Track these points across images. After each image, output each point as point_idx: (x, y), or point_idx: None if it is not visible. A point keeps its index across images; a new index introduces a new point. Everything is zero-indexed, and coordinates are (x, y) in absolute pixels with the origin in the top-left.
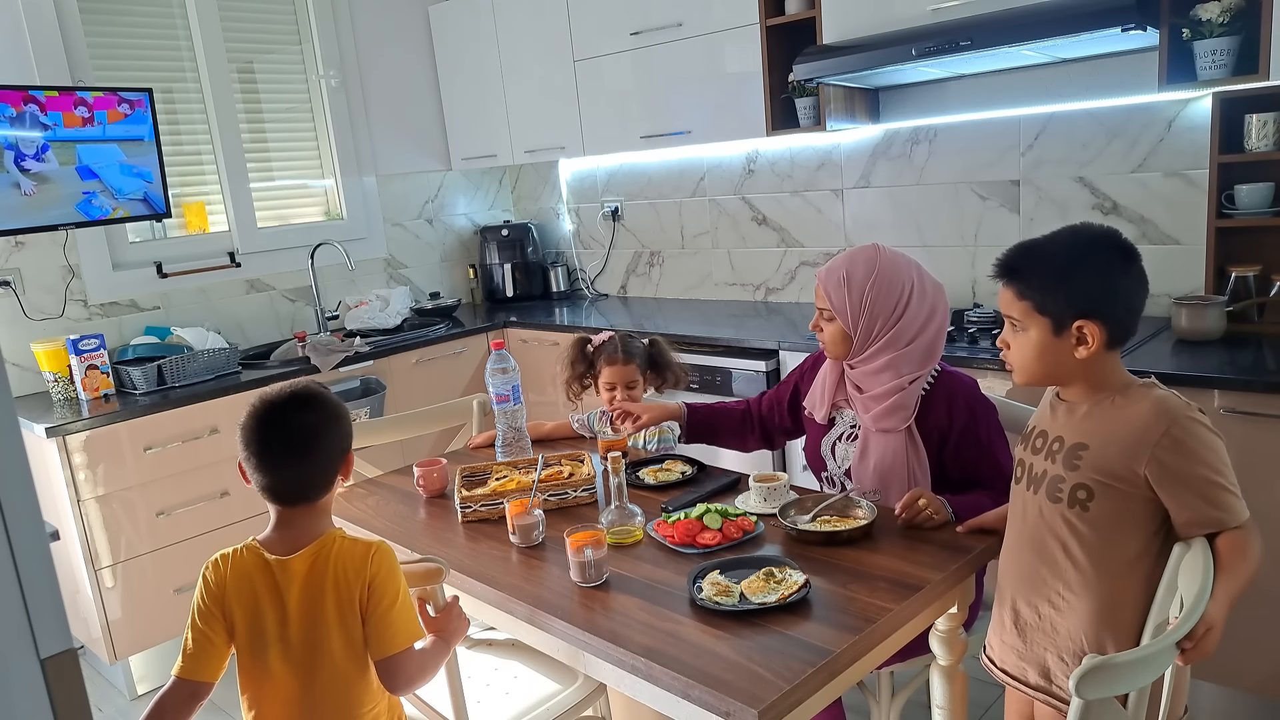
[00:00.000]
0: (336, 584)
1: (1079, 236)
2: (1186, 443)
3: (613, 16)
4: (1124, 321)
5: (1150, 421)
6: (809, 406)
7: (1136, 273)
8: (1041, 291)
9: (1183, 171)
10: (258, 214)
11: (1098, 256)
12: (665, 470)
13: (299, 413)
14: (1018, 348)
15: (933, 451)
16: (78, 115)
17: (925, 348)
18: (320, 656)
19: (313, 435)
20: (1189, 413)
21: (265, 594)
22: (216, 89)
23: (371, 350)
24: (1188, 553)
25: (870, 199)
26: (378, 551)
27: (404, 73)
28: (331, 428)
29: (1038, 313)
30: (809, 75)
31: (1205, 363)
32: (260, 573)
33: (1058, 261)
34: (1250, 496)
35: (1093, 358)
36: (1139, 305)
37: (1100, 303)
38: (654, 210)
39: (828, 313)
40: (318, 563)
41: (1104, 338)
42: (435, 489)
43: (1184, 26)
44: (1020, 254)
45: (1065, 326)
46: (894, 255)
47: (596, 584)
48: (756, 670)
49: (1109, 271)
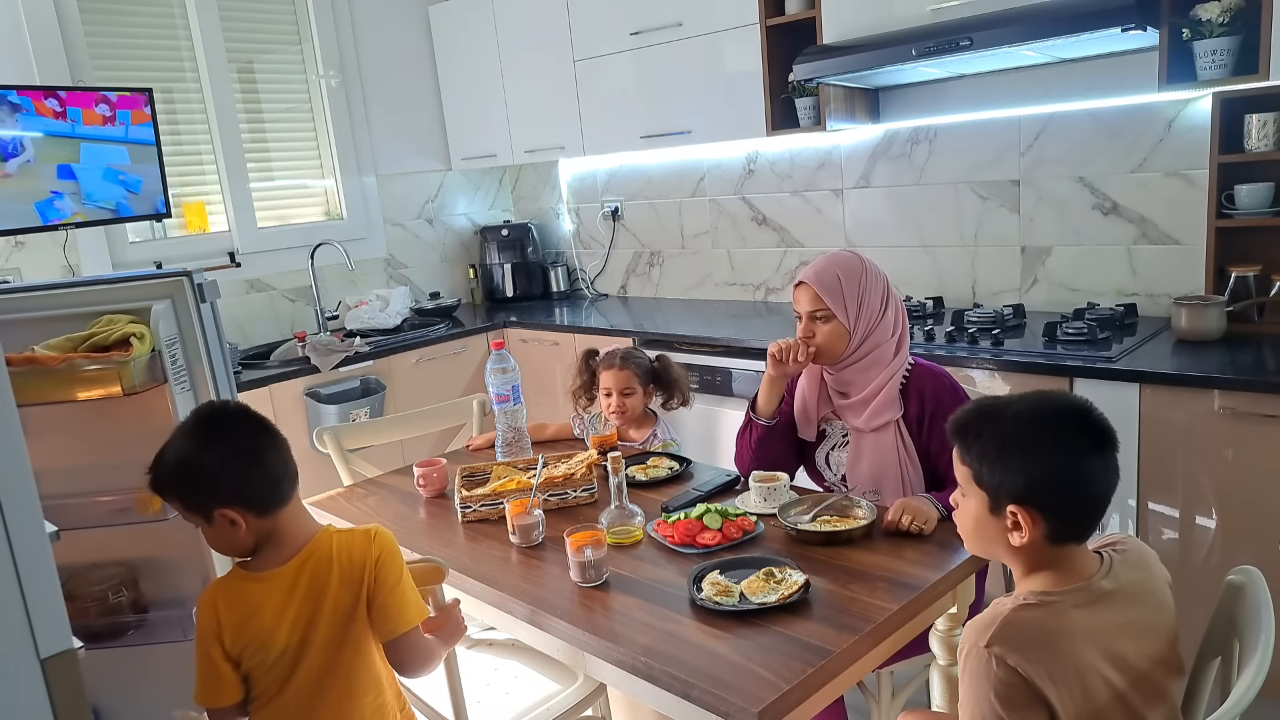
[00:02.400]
0: (343, 574)
1: (1039, 408)
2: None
3: (613, 16)
4: (1072, 515)
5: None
6: (799, 429)
7: (1102, 461)
8: (980, 461)
9: (1183, 171)
10: (258, 214)
11: (1052, 435)
12: (653, 467)
13: (248, 419)
14: (962, 518)
15: (919, 445)
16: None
17: (898, 341)
18: (332, 657)
19: (267, 436)
20: (978, 640)
21: (262, 614)
22: (216, 89)
23: (371, 350)
24: (1247, 581)
25: (870, 199)
26: (378, 533)
27: (404, 73)
28: (273, 428)
29: (975, 483)
30: (809, 75)
31: (1205, 363)
32: (253, 596)
33: (1003, 431)
34: (1250, 497)
35: (1031, 549)
36: (1097, 498)
37: (1041, 489)
38: (654, 210)
39: (822, 313)
40: (319, 565)
41: (1043, 530)
42: (435, 489)
43: (1184, 26)
44: (973, 413)
45: (1000, 507)
46: (864, 257)
47: (596, 584)
48: (756, 670)
49: (1062, 455)
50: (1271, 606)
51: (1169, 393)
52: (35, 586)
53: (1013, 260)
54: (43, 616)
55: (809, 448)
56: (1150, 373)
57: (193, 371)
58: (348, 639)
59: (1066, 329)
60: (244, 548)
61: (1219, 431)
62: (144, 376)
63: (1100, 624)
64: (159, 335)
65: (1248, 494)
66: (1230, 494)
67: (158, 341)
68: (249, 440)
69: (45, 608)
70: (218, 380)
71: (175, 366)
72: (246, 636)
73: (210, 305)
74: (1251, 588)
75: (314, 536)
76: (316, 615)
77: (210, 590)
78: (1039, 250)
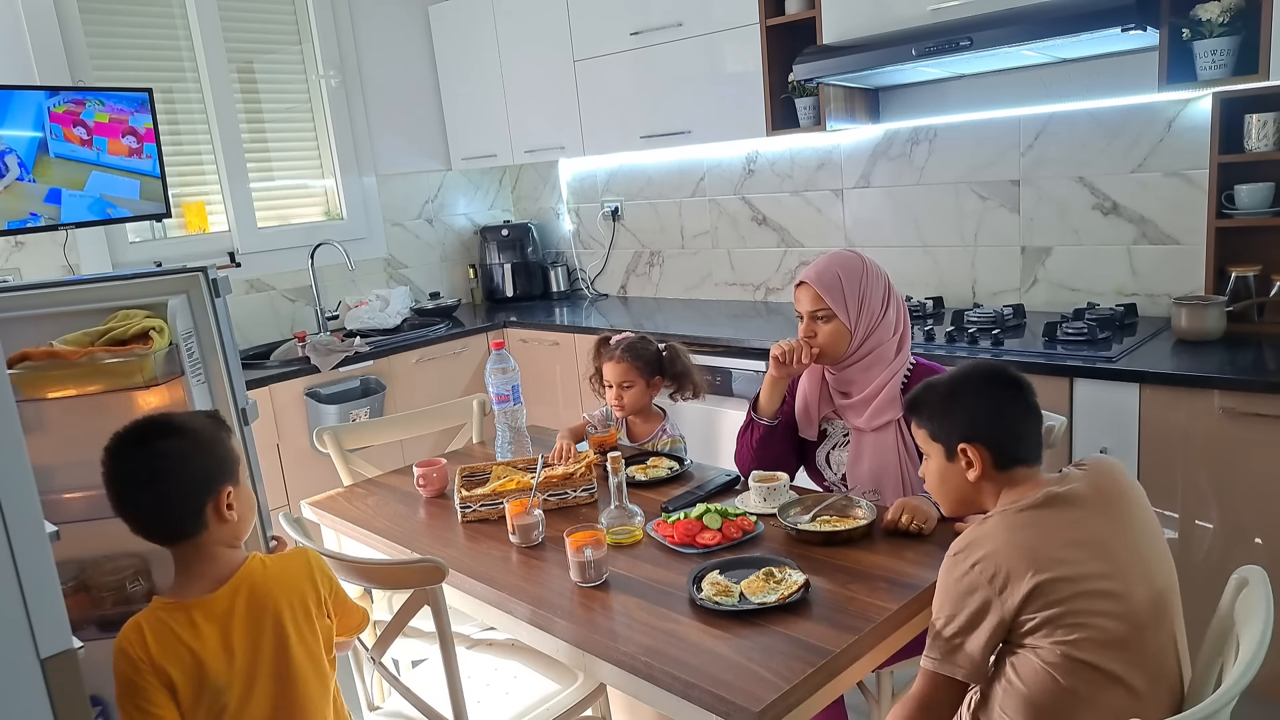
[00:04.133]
0: (290, 600)
1: (967, 370)
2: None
3: (613, 16)
4: (1006, 445)
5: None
6: (800, 428)
7: (1023, 401)
8: (931, 420)
9: (1183, 171)
10: (258, 214)
11: (979, 386)
12: (653, 467)
13: (141, 445)
14: (930, 478)
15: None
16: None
17: (899, 340)
18: (285, 679)
19: (151, 467)
20: (953, 549)
21: (199, 642)
22: (216, 89)
23: (371, 350)
24: (1245, 588)
25: (870, 199)
26: (309, 553)
27: (404, 73)
28: (179, 458)
29: (931, 439)
30: (809, 75)
31: (1205, 363)
32: (184, 625)
33: (943, 391)
34: (1250, 497)
35: (984, 479)
36: (1026, 430)
37: (979, 427)
38: (654, 210)
39: (824, 312)
40: (255, 588)
41: (989, 459)
42: (435, 489)
43: (1184, 26)
44: (920, 389)
45: (953, 451)
46: (865, 256)
47: (596, 584)
48: (756, 670)
49: (990, 399)
50: (1272, 605)
51: (1169, 393)
52: (35, 586)
53: (1013, 260)
54: (43, 616)
55: (809, 447)
56: (1150, 373)
57: (208, 364)
58: (298, 660)
59: (1066, 329)
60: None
61: (1219, 431)
62: (163, 369)
63: (1059, 518)
64: (176, 329)
65: (1248, 494)
66: (1230, 494)
67: (175, 335)
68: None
69: (45, 607)
70: (231, 373)
71: (191, 360)
72: (181, 664)
73: (223, 300)
74: (1254, 588)
75: (241, 564)
76: (259, 641)
77: (130, 625)
78: (1039, 250)
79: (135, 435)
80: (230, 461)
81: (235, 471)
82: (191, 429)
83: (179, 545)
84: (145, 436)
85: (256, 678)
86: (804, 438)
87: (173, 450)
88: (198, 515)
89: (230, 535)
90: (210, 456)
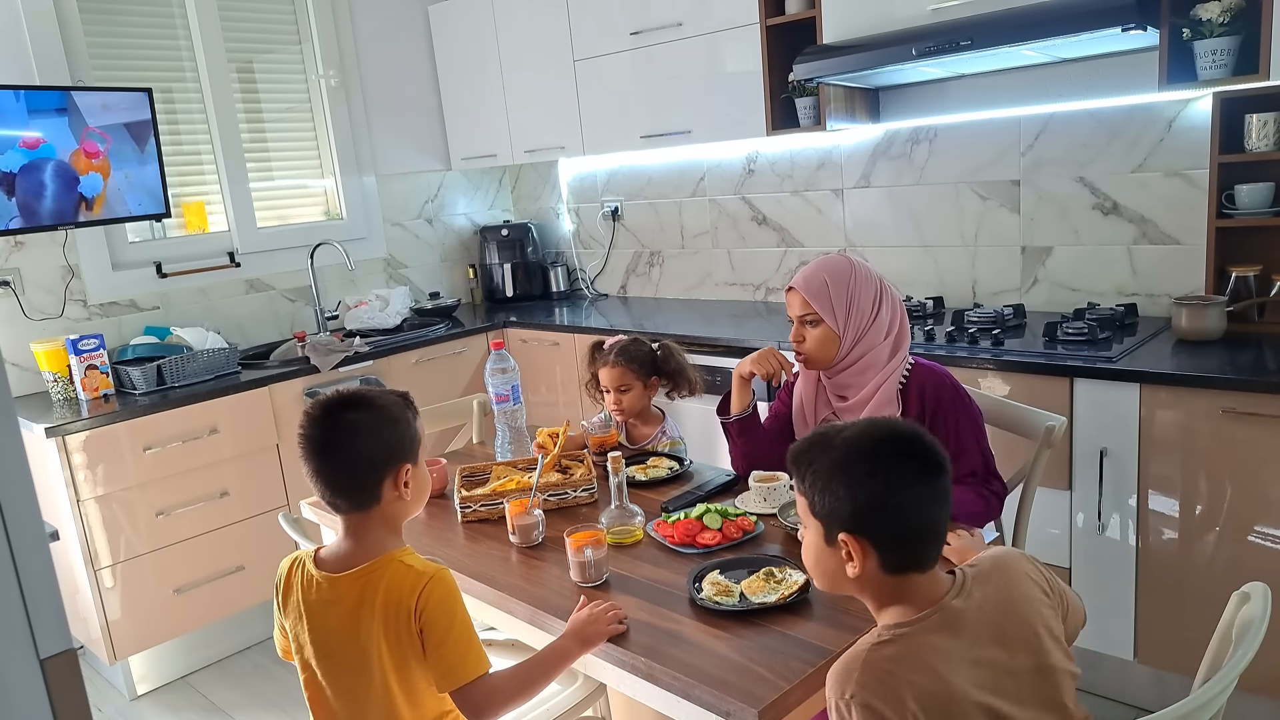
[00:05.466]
0: (386, 611)
1: (865, 435)
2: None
3: (613, 16)
4: (900, 543)
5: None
6: (796, 431)
7: (929, 487)
8: (812, 490)
9: (1183, 171)
10: (257, 214)
11: (879, 461)
12: (653, 467)
13: (335, 414)
14: (805, 553)
15: None
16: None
17: (895, 343)
18: (366, 680)
19: (340, 435)
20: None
21: (307, 609)
22: (216, 89)
23: (371, 350)
24: (1246, 603)
25: (870, 199)
26: (431, 581)
27: (404, 73)
28: (366, 429)
29: (810, 513)
30: (809, 75)
31: (1205, 363)
32: (305, 587)
33: (831, 460)
34: (1251, 497)
35: (873, 581)
36: (925, 524)
37: (866, 517)
38: (654, 210)
39: (811, 317)
40: (369, 584)
41: (875, 560)
42: (435, 489)
43: (1184, 26)
44: (807, 442)
45: (833, 537)
46: (857, 259)
47: (596, 584)
48: (756, 670)
49: (887, 481)
50: (1269, 609)
51: (1169, 393)
52: (35, 586)
53: (1013, 260)
54: (43, 616)
55: None
56: (1150, 373)
57: None
58: (382, 667)
59: (1067, 329)
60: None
61: (1219, 431)
62: None
63: (958, 645)
64: None
65: (1248, 494)
66: (1230, 494)
67: None
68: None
69: (45, 608)
70: None
71: None
72: (291, 615)
73: None
74: (1253, 606)
75: (379, 556)
76: (348, 632)
77: (293, 558)
78: (1039, 250)
79: (332, 405)
80: (412, 441)
81: (415, 452)
82: (380, 404)
83: (351, 515)
84: (340, 407)
85: (339, 666)
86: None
87: (361, 421)
88: (376, 486)
89: (400, 512)
90: (394, 433)
